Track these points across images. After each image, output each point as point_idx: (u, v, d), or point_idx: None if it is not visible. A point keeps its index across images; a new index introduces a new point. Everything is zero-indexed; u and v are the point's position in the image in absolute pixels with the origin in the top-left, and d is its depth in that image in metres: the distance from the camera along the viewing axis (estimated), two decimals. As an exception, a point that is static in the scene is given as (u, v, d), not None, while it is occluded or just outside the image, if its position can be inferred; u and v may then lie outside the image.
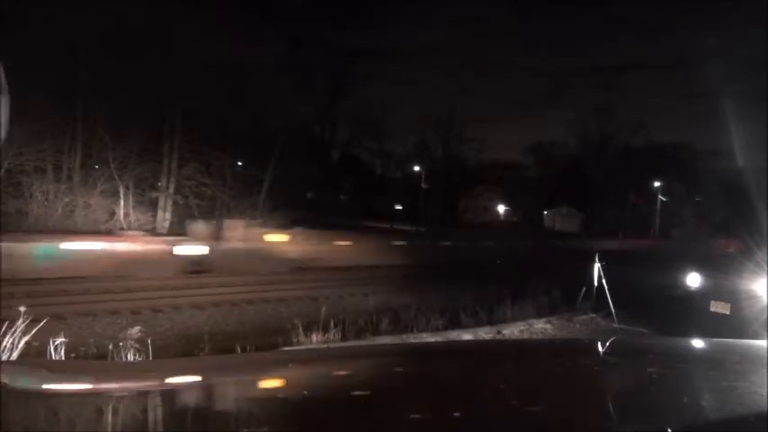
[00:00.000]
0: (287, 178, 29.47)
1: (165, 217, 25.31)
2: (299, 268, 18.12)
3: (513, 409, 1.18)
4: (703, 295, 8.83)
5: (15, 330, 3.64)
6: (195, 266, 16.70)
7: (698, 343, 2.18)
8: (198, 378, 1.46)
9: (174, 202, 25.88)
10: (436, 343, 6.19)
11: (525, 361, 1.71)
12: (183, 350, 8.13)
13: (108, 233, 20.17)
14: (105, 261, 15.12)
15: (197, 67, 24.27)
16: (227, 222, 21.51)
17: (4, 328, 3.65)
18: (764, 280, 8.00)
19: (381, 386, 1.38)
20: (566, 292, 11.42)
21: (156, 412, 1.16)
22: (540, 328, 9.66)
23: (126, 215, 23.80)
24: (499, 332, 8.84)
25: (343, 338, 7.63)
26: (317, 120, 42.22)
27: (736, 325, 7.73)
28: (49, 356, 3.72)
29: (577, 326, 9.98)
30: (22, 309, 3.87)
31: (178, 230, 22.31)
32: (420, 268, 18.85)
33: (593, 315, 10.42)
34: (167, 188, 25.65)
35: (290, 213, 26.67)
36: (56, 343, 3.76)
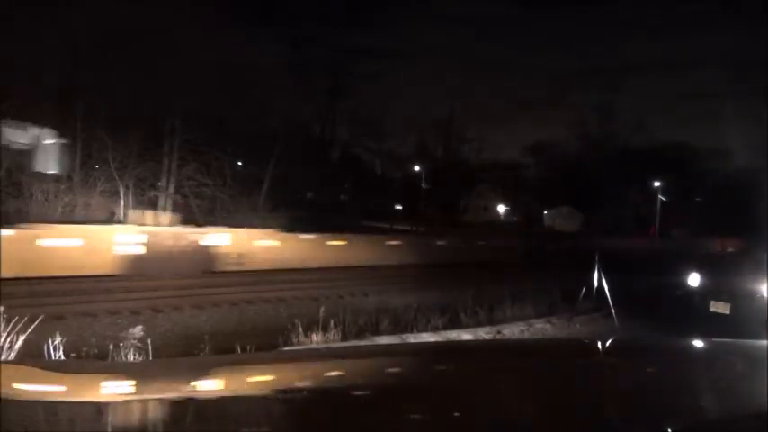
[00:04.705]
0: (287, 178, 29.47)
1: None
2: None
3: (513, 409, 1.18)
4: (703, 295, 8.84)
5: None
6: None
7: (698, 343, 2.18)
8: (198, 378, 1.46)
9: (174, 202, 25.88)
10: (436, 343, 6.20)
11: (525, 361, 1.71)
12: (183, 350, 8.12)
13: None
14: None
15: (197, 67, 24.29)
16: None
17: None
18: (764, 280, 8.00)
19: (381, 386, 1.38)
20: (566, 292, 11.42)
21: (155, 412, 1.15)
22: (540, 328, 9.65)
23: (126, 215, 23.81)
24: (499, 332, 8.82)
25: (344, 338, 7.63)
26: (317, 120, 42.32)
27: (736, 325, 7.72)
28: (47, 356, 3.72)
29: (577, 326, 9.97)
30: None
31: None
32: (423, 267, 18.87)
33: (594, 315, 10.42)
34: (167, 188, 25.65)
35: (290, 213, 26.71)
36: (54, 343, 3.77)
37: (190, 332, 9.68)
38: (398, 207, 47.71)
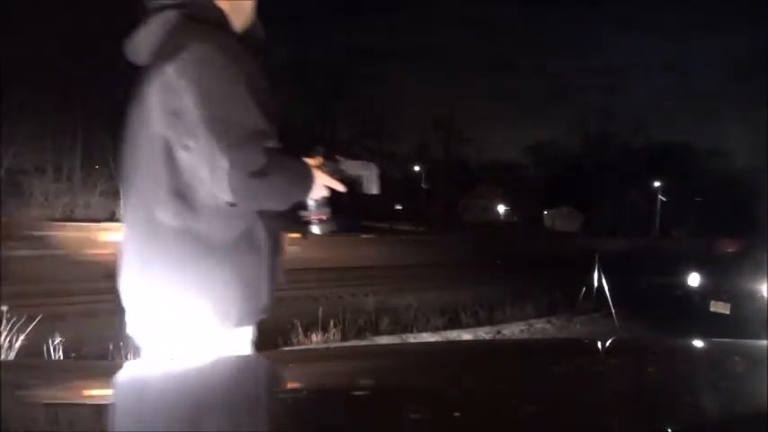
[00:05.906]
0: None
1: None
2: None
3: (513, 409, 1.18)
4: (703, 295, 8.83)
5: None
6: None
7: (698, 343, 2.18)
8: (198, 378, 1.46)
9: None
10: (436, 343, 6.19)
11: (525, 361, 1.71)
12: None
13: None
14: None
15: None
16: None
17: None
18: (764, 280, 8.00)
19: (381, 386, 1.38)
20: (566, 292, 11.41)
21: (155, 413, 1.15)
22: (540, 328, 9.65)
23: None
24: (499, 332, 8.82)
25: (343, 338, 7.63)
26: (318, 119, 42.33)
27: (736, 325, 7.72)
28: (47, 356, 3.73)
29: (577, 326, 9.96)
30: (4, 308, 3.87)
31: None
32: (422, 267, 18.90)
33: (594, 315, 10.42)
34: (167, 188, 25.66)
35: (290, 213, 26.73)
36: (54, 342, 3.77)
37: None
38: (398, 207, 47.72)
